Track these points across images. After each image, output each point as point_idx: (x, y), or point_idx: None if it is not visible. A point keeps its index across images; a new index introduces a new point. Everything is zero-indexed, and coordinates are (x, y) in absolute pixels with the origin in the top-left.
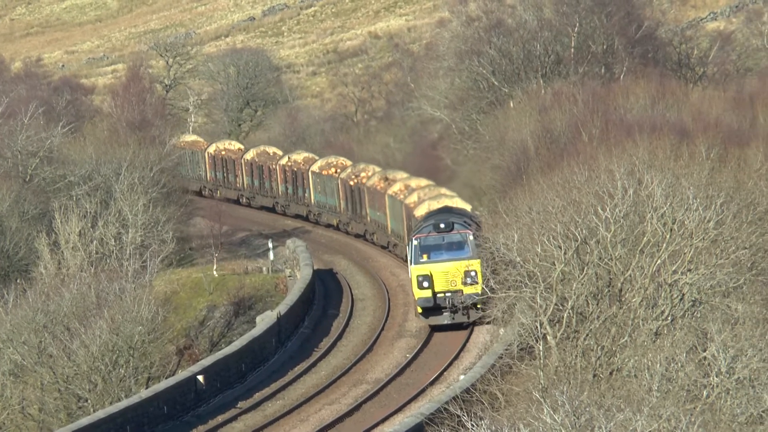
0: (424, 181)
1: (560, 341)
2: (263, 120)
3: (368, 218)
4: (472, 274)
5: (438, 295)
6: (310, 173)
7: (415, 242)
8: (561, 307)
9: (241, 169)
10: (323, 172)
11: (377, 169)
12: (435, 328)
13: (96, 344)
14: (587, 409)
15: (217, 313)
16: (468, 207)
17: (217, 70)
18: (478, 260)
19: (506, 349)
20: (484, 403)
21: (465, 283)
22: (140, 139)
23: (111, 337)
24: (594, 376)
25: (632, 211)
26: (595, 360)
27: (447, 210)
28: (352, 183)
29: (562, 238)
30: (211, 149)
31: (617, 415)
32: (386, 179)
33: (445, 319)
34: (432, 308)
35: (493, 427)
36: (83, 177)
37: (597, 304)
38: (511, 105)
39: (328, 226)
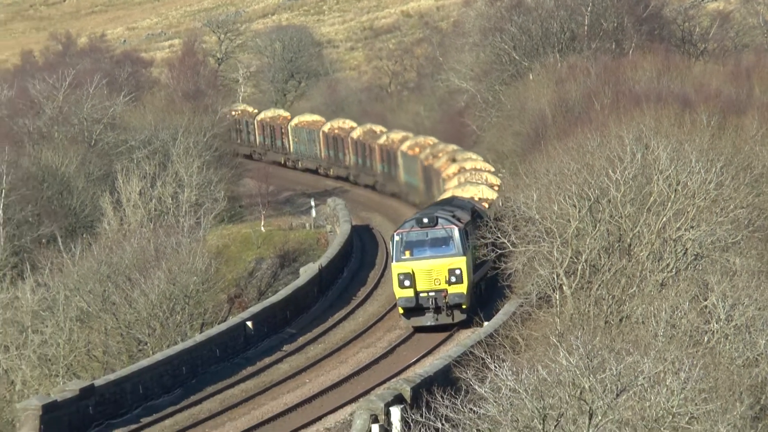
0: (450, 146)
1: (575, 291)
2: (306, 90)
3: (402, 180)
4: (457, 272)
5: (420, 295)
6: (348, 139)
7: (396, 238)
8: (576, 260)
9: (288, 136)
10: (360, 138)
11: (410, 134)
12: (418, 329)
13: (155, 293)
14: (599, 352)
15: (264, 265)
16: (490, 168)
17: (264, 45)
18: (464, 258)
19: (526, 298)
20: (506, 347)
21: (449, 282)
22: (194, 107)
23: (168, 286)
24: (605, 322)
25: (640, 173)
26: (607, 308)
27: (447, 202)
28: (388, 148)
29: (576, 198)
30: (259, 117)
31: (626, 358)
32: (417, 144)
33: (428, 320)
34: (414, 309)
35: (514, 369)
36: (143, 141)
37: (608, 258)
38: (530, 77)
39: (365, 186)
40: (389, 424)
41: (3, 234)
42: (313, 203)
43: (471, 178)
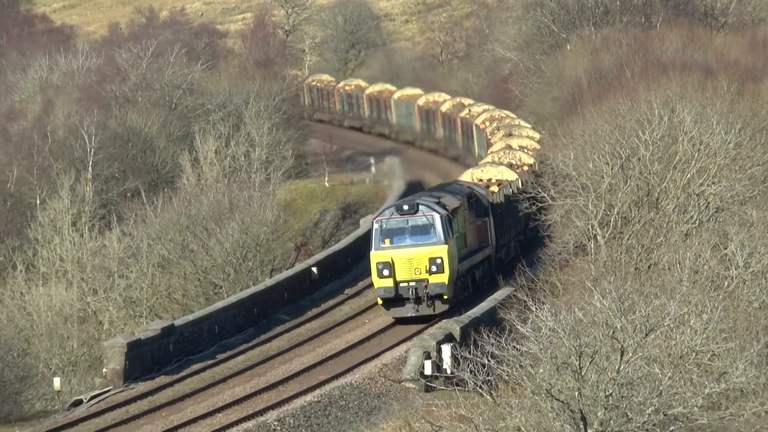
0: (517, 122)
1: (608, 240)
2: (365, 60)
3: (476, 154)
4: (438, 261)
5: (400, 285)
6: (438, 112)
7: (375, 225)
8: (608, 213)
9: (391, 109)
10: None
11: (491, 108)
12: (399, 321)
13: (229, 242)
14: (630, 296)
15: (328, 216)
16: (530, 134)
17: (328, 18)
18: (446, 246)
19: (564, 247)
20: (546, 291)
21: (430, 272)
22: (265, 74)
23: (241, 236)
24: (635, 269)
25: (666, 134)
26: (636, 256)
27: (441, 187)
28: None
29: (609, 156)
30: (368, 90)
31: (654, 301)
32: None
33: (408, 311)
34: (394, 299)
35: (553, 310)
36: (218, 105)
37: (638, 211)
38: (568, 47)
39: (380, 135)
40: (440, 360)
41: (92, 188)
42: (372, 161)
43: (503, 159)
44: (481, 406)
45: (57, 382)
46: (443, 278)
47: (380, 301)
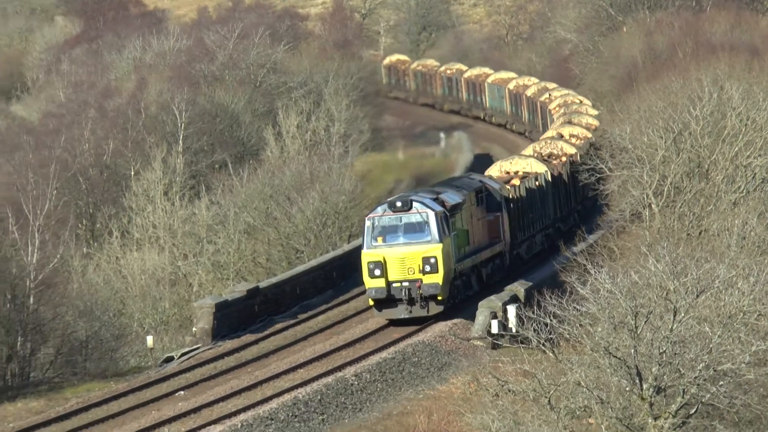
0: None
1: (662, 209)
2: (435, 41)
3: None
4: (432, 261)
5: (393, 285)
6: (523, 96)
7: (368, 223)
8: (662, 183)
9: (485, 92)
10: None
11: (570, 93)
12: (394, 322)
13: (310, 210)
14: (682, 260)
15: (402, 186)
16: (590, 111)
17: (401, 2)
18: (440, 245)
19: (621, 215)
20: (604, 255)
21: (423, 272)
22: (343, 54)
23: (321, 204)
24: (687, 235)
25: (716, 110)
26: (688, 223)
27: (447, 182)
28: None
29: (662, 131)
30: (466, 74)
31: (704, 265)
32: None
33: (401, 312)
34: (385, 300)
35: (611, 273)
36: (300, 83)
37: (689, 181)
38: (624, 30)
39: (476, 118)
40: (506, 319)
41: (183, 160)
42: (442, 135)
43: (544, 149)
44: (544, 363)
45: (150, 340)
46: (437, 278)
47: (371, 302)
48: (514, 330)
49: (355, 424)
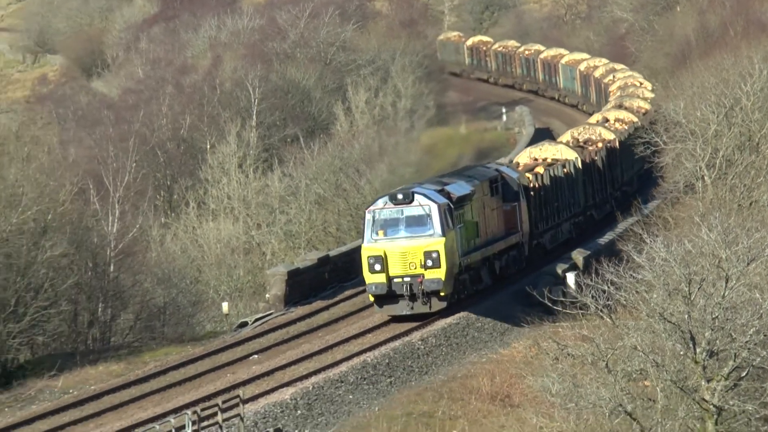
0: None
1: (714, 180)
2: (498, 20)
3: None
4: (434, 255)
5: (394, 280)
6: (591, 77)
7: (368, 216)
8: (714, 156)
9: (559, 73)
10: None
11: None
12: (395, 318)
13: (378, 181)
14: (733, 229)
15: (465, 159)
16: (645, 87)
17: None
18: (443, 239)
19: (675, 186)
20: (659, 225)
21: (425, 267)
22: (409, 33)
23: (388, 176)
24: (738, 206)
25: (766, 86)
26: (739, 194)
27: (459, 172)
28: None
29: (715, 106)
30: (542, 55)
31: (755, 234)
32: (613, 71)
33: (402, 308)
34: (386, 296)
35: (666, 242)
36: (368, 61)
37: (740, 154)
38: (678, 9)
39: (551, 99)
40: (566, 286)
41: (256, 134)
42: (504, 110)
43: (582, 134)
44: (602, 328)
45: (225, 306)
46: (440, 274)
47: (372, 298)
48: (573, 296)
49: (421, 386)
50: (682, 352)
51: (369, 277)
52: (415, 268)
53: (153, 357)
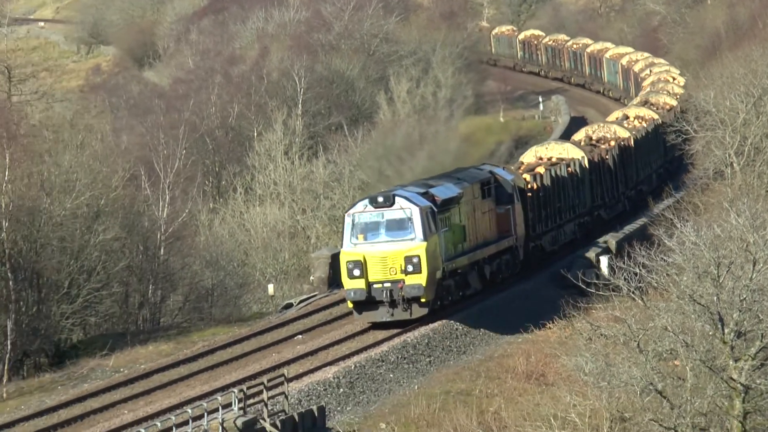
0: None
1: (742, 167)
2: (535, 12)
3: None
4: (415, 260)
5: (374, 286)
6: (631, 71)
7: (347, 219)
8: (743, 144)
9: (603, 67)
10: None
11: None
12: (376, 324)
13: (419, 168)
14: (761, 214)
15: (503, 146)
16: (675, 77)
17: None
18: (424, 244)
19: (705, 173)
20: (689, 210)
21: (406, 272)
22: (449, 25)
23: (429, 163)
24: (766, 192)
25: None
26: (767, 180)
27: (448, 174)
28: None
29: (743, 95)
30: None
31: None
32: (652, 65)
33: (382, 315)
34: (366, 302)
35: (695, 227)
36: (410, 52)
37: None
38: (708, 2)
39: (597, 92)
40: (599, 269)
41: (302, 123)
42: (540, 99)
43: (598, 132)
44: (634, 309)
45: (271, 288)
46: (420, 279)
47: (350, 305)
48: (606, 279)
49: (459, 365)
50: (710, 333)
51: (348, 283)
52: (396, 274)
53: (201, 337)
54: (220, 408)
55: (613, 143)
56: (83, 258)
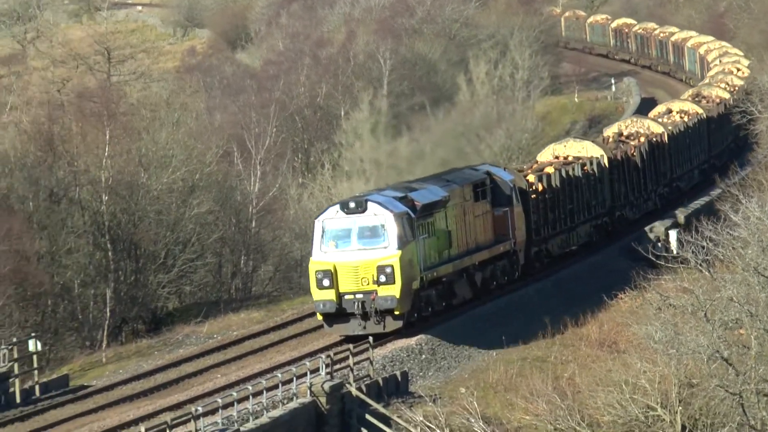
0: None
1: None
2: None
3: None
4: (388, 270)
5: (345, 297)
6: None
7: (317, 225)
8: None
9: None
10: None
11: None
12: (350, 337)
13: (497, 146)
14: None
15: (577, 125)
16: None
17: None
18: (399, 252)
19: None
20: (754, 187)
21: (378, 282)
22: (526, 10)
23: (506, 141)
24: None
25: None
26: None
27: (438, 175)
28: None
29: None
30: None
31: None
32: (726, 54)
33: (353, 328)
34: (336, 314)
35: (760, 203)
36: (488, 35)
37: None
38: None
39: (679, 80)
40: (668, 242)
41: (386, 102)
42: (612, 80)
43: (630, 127)
44: (701, 281)
45: None
46: (394, 290)
47: (320, 317)
48: (674, 252)
49: (534, 333)
50: None
51: (317, 294)
52: (368, 284)
53: (290, 306)
54: (308, 373)
55: (642, 139)
56: (179, 230)
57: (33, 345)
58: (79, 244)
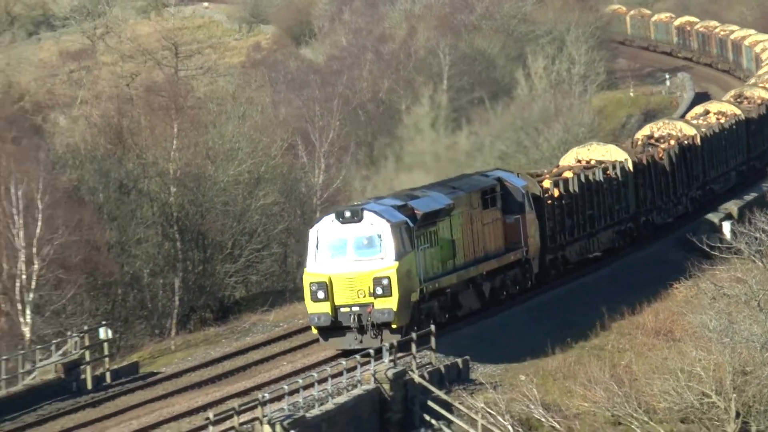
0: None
1: None
2: None
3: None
4: (384, 282)
5: (340, 310)
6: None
7: (312, 235)
8: None
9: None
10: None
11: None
12: (347, 351)
13: (555, 139)
14: None
15: (633, 119)
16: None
17: None
18: (396, 264)
19: None
20: None
21: (375, 295)
22: (582, 7)
23: (564, 134)
24: None
25: None
26: None
27: (447, 182)
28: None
29: None
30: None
31: None
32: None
33: (350, 342)
34: (331, 328)
35: None
36: (545, 31)
37: None
38: None
39: (737, 78)
40: (722, 233)
41: (447, 97)
42: (667, 75)
43: (663, 129)
44: (754, 271)
45: None
46: (391, 303)
47: (315, 331)
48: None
49: (592, 321)
50: None
51: (311, 307)
52: (364, 297)
53: None
54: (372, 360)
55: (672, 142)
56: (245, 221)
57: (104, 333)
58: (148, 234)
